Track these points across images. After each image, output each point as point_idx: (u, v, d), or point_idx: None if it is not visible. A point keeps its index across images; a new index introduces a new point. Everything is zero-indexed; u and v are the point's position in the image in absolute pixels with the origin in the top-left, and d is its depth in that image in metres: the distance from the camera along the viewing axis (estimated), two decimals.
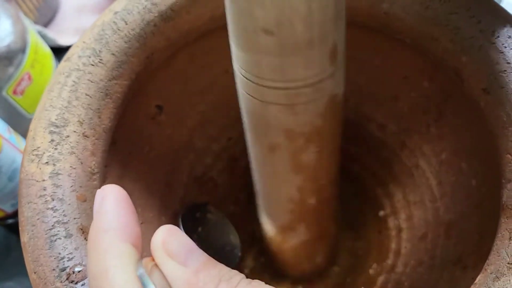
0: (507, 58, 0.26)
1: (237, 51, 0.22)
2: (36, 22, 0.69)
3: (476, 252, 0.30)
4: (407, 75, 0.36)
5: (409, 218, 0.39)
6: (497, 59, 0.26)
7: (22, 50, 0.55)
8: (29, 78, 0.56)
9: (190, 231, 0.37)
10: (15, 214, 0.53)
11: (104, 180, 0.31)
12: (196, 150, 0.40)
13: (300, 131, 0.25)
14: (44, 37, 0.66)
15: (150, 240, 0.34)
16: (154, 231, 0.36)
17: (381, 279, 0.39)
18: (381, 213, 0.43)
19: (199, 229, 0.38)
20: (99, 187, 0.27)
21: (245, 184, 0.47)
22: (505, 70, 0.26)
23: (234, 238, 0.40)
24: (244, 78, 0.23)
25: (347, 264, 0.43)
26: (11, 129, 0.53)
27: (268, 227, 0.36)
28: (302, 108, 0.23)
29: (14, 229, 0.57)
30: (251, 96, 0.24)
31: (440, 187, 0.36)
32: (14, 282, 0.54)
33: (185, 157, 0.40)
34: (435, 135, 0.36)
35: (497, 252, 0.23)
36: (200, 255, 0.19)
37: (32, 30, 0.58)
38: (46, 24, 0.72)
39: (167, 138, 0.38)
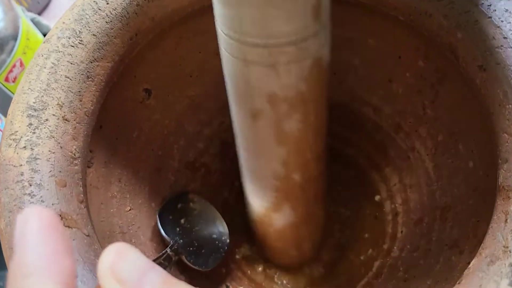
0: (503, 33, 0.25)
1: (220, 7, 0.21)
2: (29, 10, 0.68)
3: (473, 236, 0.30)
4: (402, 55, 0.35)
5: (405, 202, 0.39)
6: (494, 34, 0.25)
7: (14, 37, 0.54)
8: (21, 65, 0.55)
9: (172, 225, 0.36)
10: None
11: (88, 166, 0.30)
12: (187, 135, 0.39)
13: (284, 96, 0.24)
14: (37, 24, 0.64)
15: (138, 227, 0.34)
16: (143, 217, 0.35)
17: (377, 264, 0.38)
18: (377, 197, 0.42)
19: (182, 220, 0.37)
20: (81, 172, 0.26)
21: (238, 169, 0.46)
22: (502, 46, 0.25)
23: (221, 225, 0.39)
24: (226, 37, 0.22)
25: (342, 250, 0.42)
26: (2, 116, 0.52)
27: (254, 208, 0.35)
28: (285, 69, 0.22)
29: None
30: (234, 57, 0.23)
31: (437, 169, 0.35)
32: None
33: (176, 142, 0.39)
34: (431, 116, 0.35)
35: (493, 235, 0.22)
36: (157, 276, 0.15)
37: (24, 17, 0.57)
38: (40, 12, 0.71)
39: (156, 122, 0.37)
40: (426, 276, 0.31)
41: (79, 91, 0.27)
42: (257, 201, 0.33)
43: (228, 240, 0.38)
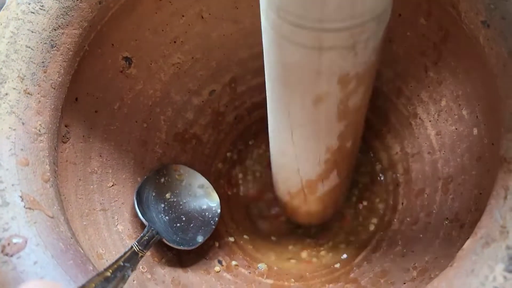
0: None
1: None
2: None
3: (475, 209, 0.27)
4: (402, 12, 0.31)
5: (407, 171, 0.36)
6: None
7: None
8: None
9: (156, 201, 0.34)
10: None
11: (63, 141, 0.29)
12: (174, 104, 0.37)
13: (355, 73, 0.22)
14: None
15: (121, 202, 0.32)
16: (128, 193, 0.33)
17: (376, 238, 0.37)
18: (379, 166, 0.40)
19: (167, 195, 0.35)
20: (48, 149, 0.25)
21: (233, 141, 0.44)
22: None
23: (211, 195, 0.37)
24: (296, 29, 0.19)
25: (340, 221, 0.40)
26: None
27: (292, 183, 0.34)
28: (362, 47, 0.20)
29: None
30: (305, 47, 0.20)
31: (439, 137, 0.32)
32: None
33: (162, 113, 0.37)
34: (433, 79, 0.32)
35: (490, 213, 0.20)
36: None
37: None
38: None
39: (139, 93, 0.35)
40: (425, 252, 0.30)
41: (43, 62, 0.25)
42: (298, 177, 0.32)
43: (219, 211, 0.36)
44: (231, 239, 0.40)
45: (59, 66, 0.26)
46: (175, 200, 0.35)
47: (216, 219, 0.36)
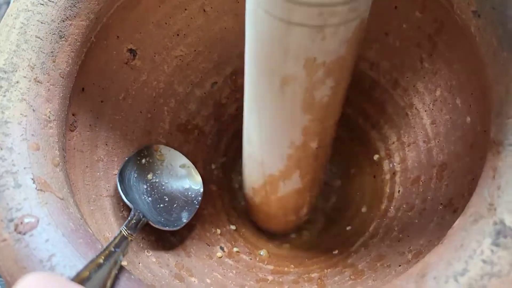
0: None
1: None
2: None
3: (468, 194, 0.28)
4: (398, 5, 0.32)
5: (403, 160, 0.37)
6: None
7: (7, 2, 0.54)
8: None
9: (138, 183, 0.34)
10: None
11: (71, 129, 0.30)
12: (177, 96, 0.38)
13: (322, 60, 0.22)
14: None
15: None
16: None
17: (373, 225, 0.38)
18: (376, 156, 0.41)
19: (149, 176, 0.35)
20: (58, 135, 0.26)
21: (235, 132, 0.45)
22: None
23: (193, 174, 0.36)
24: None
25: (340, 211, 0.41)
26: None
27: (254, 178, 0.34)
28: (331, 31, 0.20)
29: None
30: (274, 17, 0.20)
31: (434, 126, 0.34)
32: None
33: (166, 103, 0.38)
34: (429, 70, 0.33)
35: (480, 192, 0.21)
36: None
37: None
38: None
39: (144, 84, 0.36)
40: (420, 236, 0.31)
41: (52, 52, 0.26)
42: (261, 170, 0.32)
43: (201, 190, 0.36)
44: (233, 227, 0.41)
45: (67, 56, 0.27)
46: (157, 181, 0.35)
47: (199, 198, 0.35)
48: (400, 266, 0.30)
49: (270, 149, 0.30)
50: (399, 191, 0.37)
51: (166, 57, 0.37)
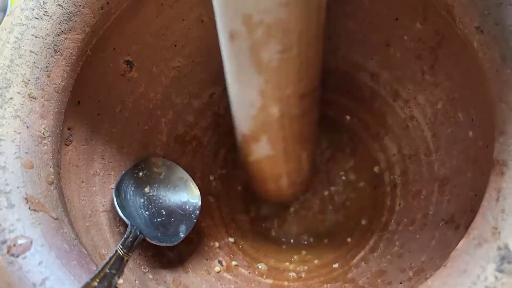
0: None
1: None
2: None
3: (470, 210, 0.28)
4: (399, 16, 0.32)
5: (404, 173, 0.37)
6: None
7: (3, 9, 0.53)
8: None
9: (135, 196, 0.33)
10: None
11: (66, 144, 0.29)
12: (175, 107, 0.38)
13: (259, 19, 0.22)
14: None
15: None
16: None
17: (374, 239, 0.37)
18: (377, 168, 0.40)
19: (146, 189, 0.34)
20: (52, 152, 0.25)
21: (233, 143, 0.44)
22: (501, 3, 0.22)
23: (191, 188, 0.36)
24: None
25: (339, 224, 0.41)
26: None
27: (238, 136, 0.35)
28: None
29: None
30: None
31: (436, 139, 0.33)
32: None
33: (163, 115, 0.37)
34: (430, 82, 0.33)
35: (483, 214, 0.20)
36: None
37: None
38: None
39: (141, 96, 0.35)
40: (421, 252, 0.30)
41: (46, 67, 0.26)
42: (238, 129, 0.32)
43: (199, 204, 0.35)
44: (231, 239, 0.40)
45: (62, 71, 0.27)
46: (154, 194, 0.34)
47: (197, 212, 0.35)
48: (401, 283, 0.29)
49: (238, 106, 0.31)
50: (400, 204, 0.36)
51: (164, 68, 0.36)
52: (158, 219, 0.33)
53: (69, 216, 0.25)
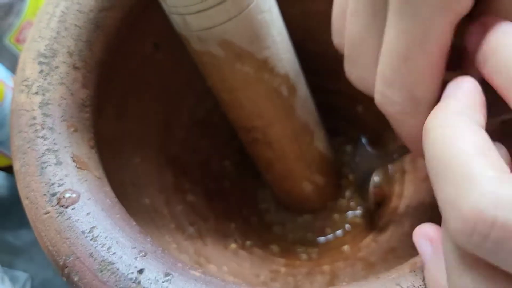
0: None
1: None
2: None
3: None
4: None
5: (413, 160, 0.39)
6: None
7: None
8: (31, 26, 0.55)
9: None
10: None
11: (101, 115, 0.31)
12: (196, 92, 0.40)
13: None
14: None
15: (148, 179, 0.34)
16: (153, 171, 0.36)
17: (383, 222, 0.39)
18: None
19: None
20: (91, 120, 0.27)
21: None
22: None
23: None
24: None
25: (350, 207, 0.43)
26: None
27: None
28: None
29: None
30: None
31: None
32: (30, 232, 0.56)
33: (185, 98, 0.39)
34: None
35: None
36: None
37: None
38: None
39: (165, 78, 0.37)
40: None
41: (89, 40, 0.28)
42: None
43: None
44: (245, 222, 0.42)
45: (102, 46, 0.29)
46: None
47: None
48: (412, 257, 0.31)
49: None
50: (408, 189, 0.38)
51: (187, 52, 0.38)
52: None
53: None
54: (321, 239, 0.41)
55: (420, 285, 0.20)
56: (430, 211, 0.34)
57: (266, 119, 0.33)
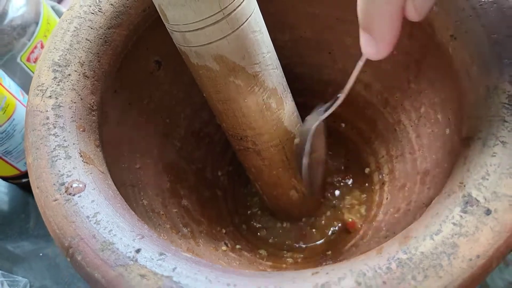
0: (472, 4, 0.28)
1: None
2: None
3: None
4: None
5: (391, 171, 0.42)
6: (464, 5, 0.29)
7: (36, 21, 0.58)
8: (42, 47, 0.59)
9: None
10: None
11: (105, 121, 0.34)
12: (193, 105, 0.43)
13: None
14: (57, 11, 0.69)
15: (146, 183, 0.37)
16: (151, 176, 0.39)
17: (363, 229, 0.42)
18: (367, 170, 0.45)
19: None
20: (98, 123, 0.30)
21: None
22: (470, 15, 0.28)
23: None
24: None
25: (333, 220, 0.45)
26: (24, 92, 0.56)
27: None
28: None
29: (29, 188, 0.60)
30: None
31: (419, 139, 0.38)
32: (30, 242, 0.58)
33: (183, 111, 0.42)
34: (415, 90, 0.38)
35: (453, 176, 0.25)
36: None
37: (45, 3, 0.61)
38: (59, 1, 0.76)
39: (165, 92, 0.41)
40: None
41: (98, 53, 0.31)
42: None
43: None
44: (235, 229, 0.44)
45: (109, 59, 0.32)
46: None
47: None
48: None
49: None
50: (387, 198, 0.41)
51: (186, 69, 0.41)
52: None
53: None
54: (307, 245, 0.44)
55: (384, 264, 0.22)
56: (405, 216, 0.37)
57: (256, 129, 0.37)
